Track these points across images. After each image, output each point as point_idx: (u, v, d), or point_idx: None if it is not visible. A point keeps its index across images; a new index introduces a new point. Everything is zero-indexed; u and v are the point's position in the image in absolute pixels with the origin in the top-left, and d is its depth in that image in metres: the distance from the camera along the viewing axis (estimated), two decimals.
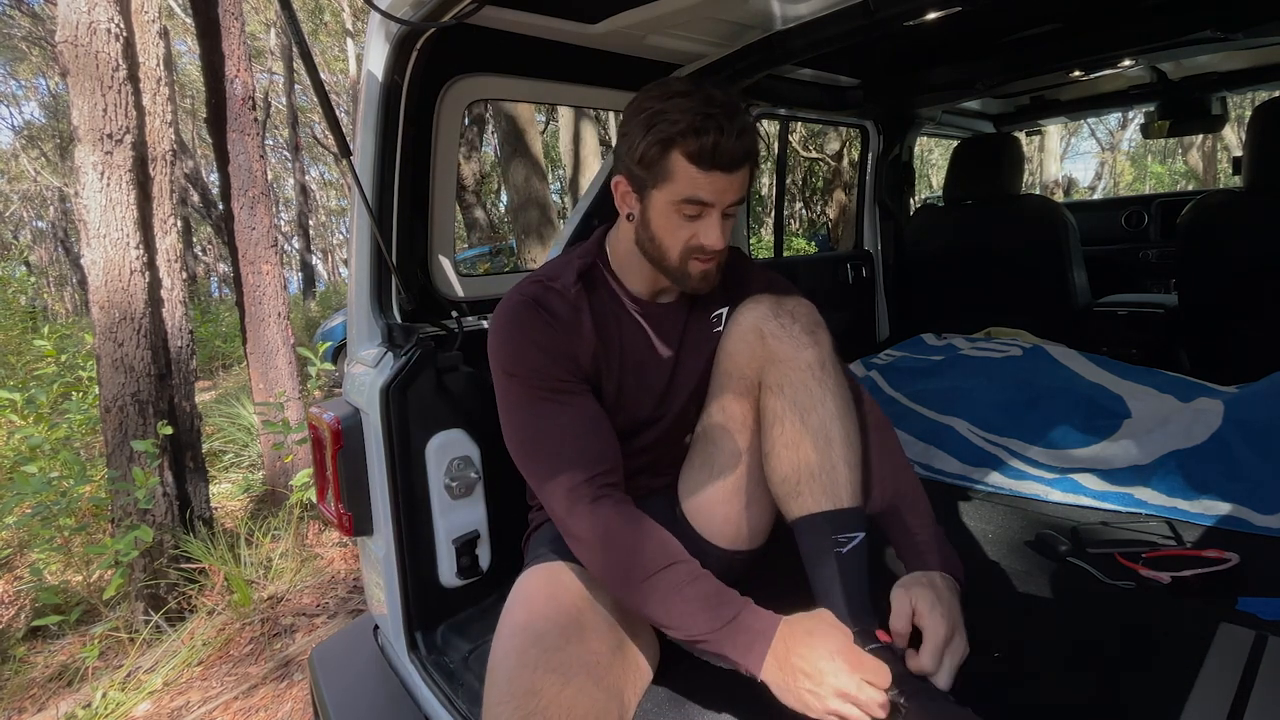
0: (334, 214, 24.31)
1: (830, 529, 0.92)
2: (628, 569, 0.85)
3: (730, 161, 0.89)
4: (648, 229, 0.97)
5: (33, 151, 16.28)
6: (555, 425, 0.94)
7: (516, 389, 0.96)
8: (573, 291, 1.01)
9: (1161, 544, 1.30)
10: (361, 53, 1.43)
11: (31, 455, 2.98)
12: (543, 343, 0.96)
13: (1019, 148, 2.42)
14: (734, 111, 0.89)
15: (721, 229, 0.94)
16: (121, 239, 2.55)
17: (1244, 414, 1.49)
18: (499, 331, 0.98)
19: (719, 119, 0.87)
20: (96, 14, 2.46)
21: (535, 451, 0.94)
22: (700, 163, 0.89)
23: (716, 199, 0.91)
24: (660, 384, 1.07)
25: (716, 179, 0.90)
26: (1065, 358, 1.84)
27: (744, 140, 0.89)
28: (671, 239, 0.95)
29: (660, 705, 0.98)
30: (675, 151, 0.89)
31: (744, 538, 1.09)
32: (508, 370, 0.96)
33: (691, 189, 0.90)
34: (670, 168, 0.90)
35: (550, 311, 0.98)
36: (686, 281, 0.98)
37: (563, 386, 0.96)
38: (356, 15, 12.18)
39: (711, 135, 0.87)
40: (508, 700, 0.77)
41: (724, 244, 0.94)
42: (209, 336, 8.49)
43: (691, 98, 0.89)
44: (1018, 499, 1.56)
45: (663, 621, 0.83)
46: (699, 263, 0.96)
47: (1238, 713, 0.79)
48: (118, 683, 2.18)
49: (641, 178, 0.94)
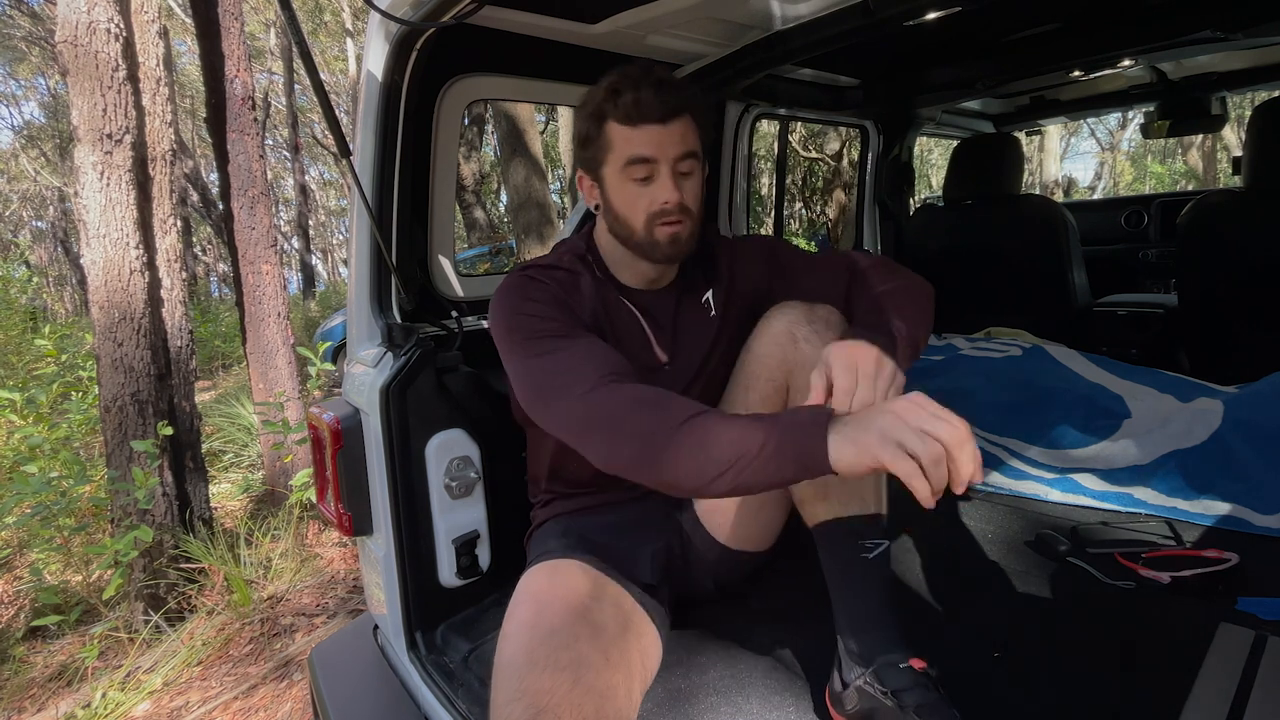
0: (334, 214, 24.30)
1: (856, 534, 0.92)
2: (659, 421, 0.77)
3: (657, 112, 0.91)
4: (611, 209, 0.98)
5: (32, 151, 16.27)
6: (562, 356, 0.89)
7: (519, 339, 0.92)
8: (566, 259, 1.03)
9: (1161, 544, 1.30)
10: (361, 53, 1.43)
11: (31, 455, 2.97)
12: (541, 298, 0.96)
13: (1019, 148, 2.42)
14: (649, 69, 0.92)
15: (675, 184, 0.93)
16: (121, 239, 2.55)
17: (1244, 414, 1.49)
18: (496, 306, 0.97)
19: (633, 76, 0.91)
20: (96, 14, 2.45)
21: (544, 383, 0.88)
22: (628, 120, 0.91)
23: (658, 152, 0.92)
24: (656, 370, 1.07)
25: (651, 132, 0.91)
26: (1065, 358, 1.84)
27: (667, 92, 0.91)
28: (631, 209, 0.95)
29: (660, 705, 0.98)
30: (608, 121, 0.93)
31: (756, 540, 1.10)
32: (508, 327, 0.94)
33: (629, 147, 0.92)
34: (608, 138, 0.94)
35: (549, 279, 1.00)
36: (657, 250, 0.97)
37: (565, 330, 0.92)
38: (356, 15, 12.17)
39: (628, 93, 0.90)
40: (518, 699, 0.75)
41: (680, 199, 0.94)
42: (209, 336, 8.48)
43: (612, 72, 0.93)
44: (1018, 499, 1.56)
45: (708, 459, 0.72)
46: (665, 226, 0.95)
47: (1238, 713, 0.79)
48: (117, 683, 2.18)
49: (589, 160, 0.97)
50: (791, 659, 1.06)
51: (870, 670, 0.86)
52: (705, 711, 0.96)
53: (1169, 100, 2.51)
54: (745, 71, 1.50)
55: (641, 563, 1.03)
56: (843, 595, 0.93)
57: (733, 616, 1.17)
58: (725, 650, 1.09)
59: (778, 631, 1.13)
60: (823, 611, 0.98)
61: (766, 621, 1.16)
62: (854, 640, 0.90)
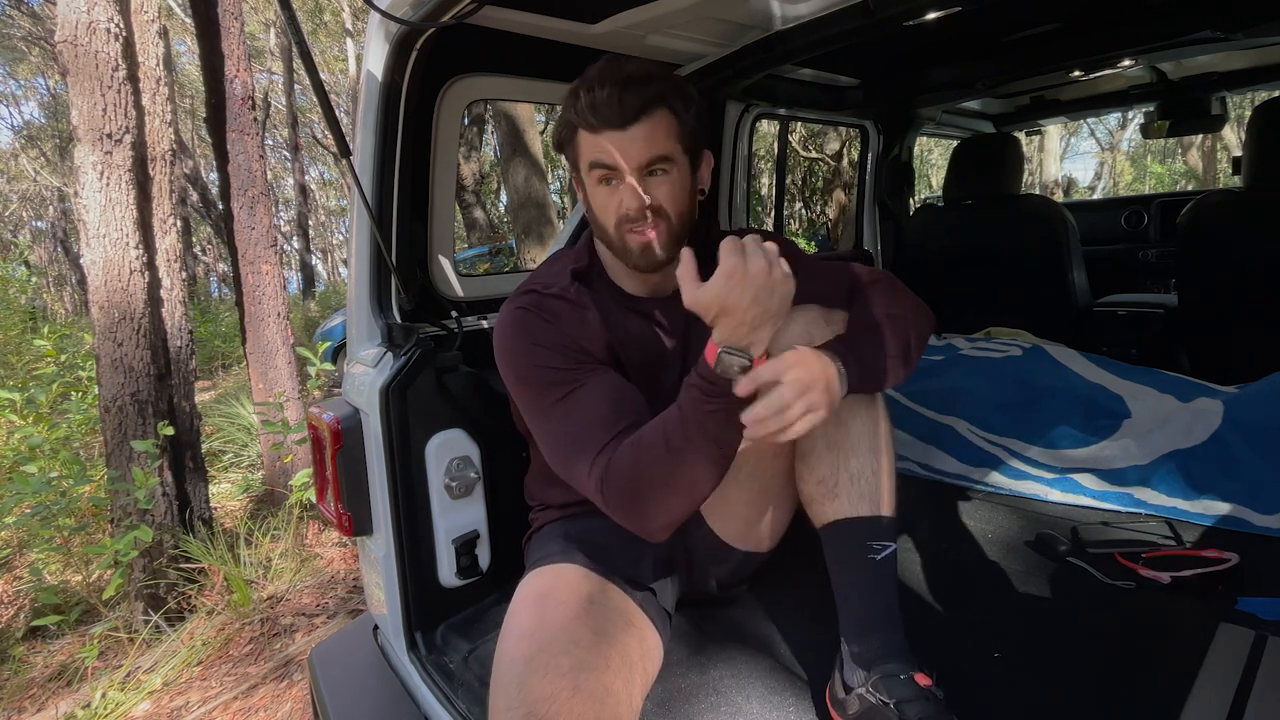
0: (334, 214, 24.29)
1: (866, 535, 0.91)
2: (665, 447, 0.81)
3: (614, 117, 0.86)
4: (590, 213, 0.96)
5: (32, 151, 16.27)
6: (574, 413, 0.90)
7: (531, 393, 0.94)
8: (572, 291, 0.99)
9: (1161, 544, 1.30)
10: (361, 53, 1.43)
11: (31, 455, 2.97)
12: (546, 340, 0.94)
13: (1019, 148, 2.42)
14: (614, 66, 0.87)
15: (637, 189, 0.89)
16: (121, 239, 2.55)
17: (1244, 414, 1.49)
18: (501, 346, 0.97)
19: (593, 80, 0.87)
20: (96, 14, 2.45)
21: (560, 445, 0.91)
22: (589, 126, 0.88)
23: (619, 160, 0.88)
24: (673, 378, 1.05)
25: (611, 138, 0.88)
26: (1065, 358, 1.84)
27: (630, 92, 0.86)
28: (604, 214, 0.94)
29: (660, 705, 0.98)
30: (577, 128, 0.90)
31: (762, 540, 1.09)
32: (520, 379, 0.95)
33: (591, 154, 0.90)
34: (577, 143, 0.91)
35: (550, 313, 0.97)
36: (629, 258, 0.95)
37: (573, 377, 0.93)
38: (356, 15, 12.17)
39: (586, 96, 0.87)
40: (517, 707, 0.75)
41: (643, 203, 0.89)
42: (208, 336, 8.47)
43: (585, 72, 0.89)
44: (1018, 499, 1.56)
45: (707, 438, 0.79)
46: (633, 235, 0.92)
47: (1238, 713, 0.79)
48: (117, 683, 2.18)
49: (570, 164, 0.96)
50: (791, 659, 1.06)
51: (873, 676, 0.86)
52: (705, 711, 0.96)
53: (1169, 100, 2.51)
54: (745, 71, 1.50)
55: (643, 565, 1.03)
56: (848, 596, 0.92)
57: (733, 616, 1.17)
58: (725, 650, 1.09)
59: (778, 631, 1.13)
60: (823, 612, 0.98)
61: (766, 621, 1.16)
62: (858, 643, 0.90)
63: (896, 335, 0.92)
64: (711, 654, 1.08)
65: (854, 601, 0.92)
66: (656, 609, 0.98)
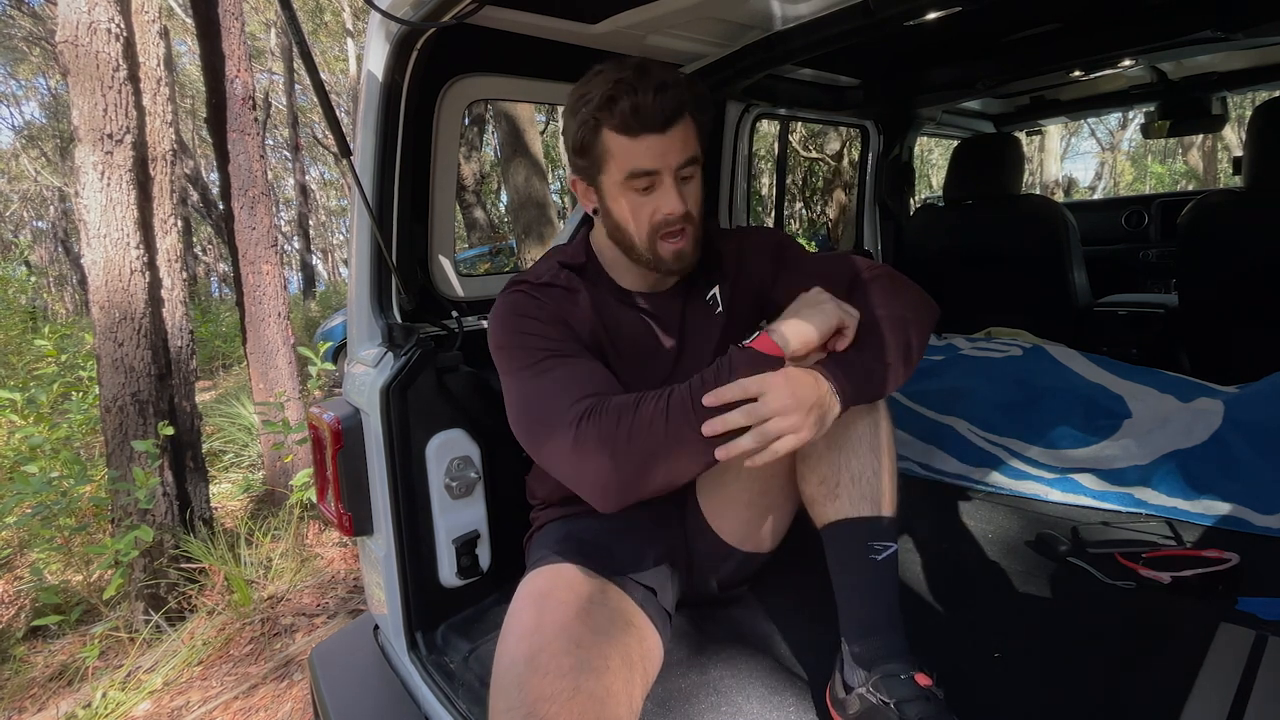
0: (334, 214, 24.29)
1: (867, 535, 0.91)
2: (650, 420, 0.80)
3: (657, 121, 0.86)
4: (610, 218, 0.95)
5: (33, 151, 16.27)
6: (551, 378, 0.89)
7: (514, 356, 0.92)
8: (563, 277, 1.00)
9: (1161, 544, 1.30)
10: (361, 53, 1.43)
11: (32, 455, 2.97)
12: (537, 314, 0.94)
13: (1019, 148, 2.42)
14: (646, 71, 0.86)
15: (679, 194, 0.90)
16: (121, 239, 2.55)
17: (1244, 414, 1.49)
18: (494, 325, 0.97)
19: (630, 81, 0.85)
20: (96, 14, 2.46)
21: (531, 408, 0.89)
22: (628, 131, 0.87)
23: (660, 164, 0.88)
24: (665, 373, 1.06)
25: (651, 142, 0.87)
26: (1065, 358, 1.84)
27: (666, 96, 0.86)
28: (634, 221, 0.93)
29: (660, 705, 0.98)
30: (604, 129, 0.88)
31: (763, 540, 1.09)
32: (502, 344, 0.94)
33: (631, 161, 0.88)
34: (605, 147, 0.89)
35: (542, 294, 0.98)
36: (661, 265, 0.96)
37: (559, 347, 0.92)
38: (356, 15, 12.17)
39: (627, 99, 0.85)
40: (518, 707, 0.75)
41: (684, 208, 0.91)
42: (209, 336, 8.48)
43: (605, 71, 0.88)
44: (1018, 499, 1.56)
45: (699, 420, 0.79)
46: (668, 242, 0.93)
47: (1238, 713, 0.79)
48: (118, 682, 2.18)
49: (586, 168, 0.93)
50: (791, 659, 1.06)
51: (874, 676, 0.86)
52: (705, 711, 0.96)
53: (1169, 100, 2.51)
54: (745, 71, 1.50)
55: (644, 565, 1.03)
56: (849, 597, 0.92)
57: (733, 617, 1.17)
58: (725, 650, 1.09)
59: (778, 632, 1.13)
60: (824, 612, 0.98)
61: (767, 621, 1.16)
62: (858, 643, 0.90)
63: (896, 339, 0.91)
64: (711, 654, 1.08)
65: (855, 602, 0.92)
66: (657, 609, 0.98)
